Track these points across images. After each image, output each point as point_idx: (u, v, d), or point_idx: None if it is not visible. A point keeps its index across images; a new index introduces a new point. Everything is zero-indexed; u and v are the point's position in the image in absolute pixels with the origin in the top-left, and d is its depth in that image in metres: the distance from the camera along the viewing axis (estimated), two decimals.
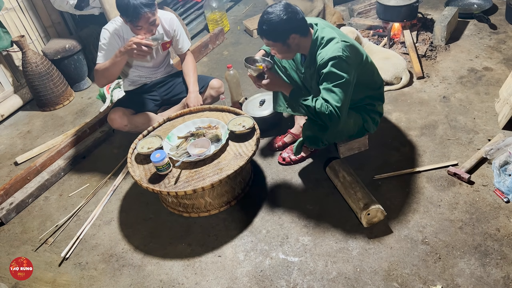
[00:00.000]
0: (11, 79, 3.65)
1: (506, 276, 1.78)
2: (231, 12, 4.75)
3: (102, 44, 2.51)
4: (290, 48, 2.07)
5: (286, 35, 2.01)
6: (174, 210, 2.36)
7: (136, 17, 2.32)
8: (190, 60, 2.81)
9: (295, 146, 2.39)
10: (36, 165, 2.75)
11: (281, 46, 2.06)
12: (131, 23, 2.37)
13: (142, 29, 2.39)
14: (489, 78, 2.93)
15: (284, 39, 2.02)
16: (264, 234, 2.16)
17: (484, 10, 3.64)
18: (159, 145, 2.33)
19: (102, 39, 2.52)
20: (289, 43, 2.04)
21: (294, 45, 2.07)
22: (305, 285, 1.89)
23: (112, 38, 2.51)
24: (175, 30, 2.68)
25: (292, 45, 2.05)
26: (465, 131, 2.52)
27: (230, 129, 2.34)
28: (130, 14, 2.31)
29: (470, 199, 2.13)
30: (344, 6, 4.27)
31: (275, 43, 2.05)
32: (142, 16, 2.32)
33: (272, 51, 2.14)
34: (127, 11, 2.30)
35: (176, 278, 2.03)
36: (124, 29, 2.52)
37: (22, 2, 3.61)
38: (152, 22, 2.39)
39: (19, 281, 2.17)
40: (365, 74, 2.17)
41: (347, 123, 2.23)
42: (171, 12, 2.74)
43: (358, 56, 2.09)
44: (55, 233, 2.41)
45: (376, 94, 2.30)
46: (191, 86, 2.72)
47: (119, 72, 2.51)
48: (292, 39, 2.03)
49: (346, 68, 1.98)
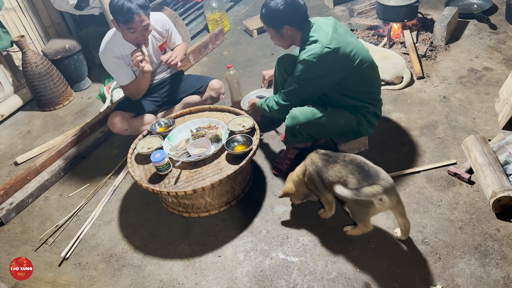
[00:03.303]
0: (11, 79, 3.65)
1: (506, 276, 1.78)
2: (231, 12, 4.75)
3: (110, 70, 2.62)
4: (283, 38, 2.17)
5: (280, 25, 2.11)
6: (174, 210, 2.36)
7: (130, 20, 2.32)
8: (182, 44, 2.86)
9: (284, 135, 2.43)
10: (36, 165, 2.75)
11: (275, 33, 2.16)
12: (124, 25, 2.36)
13: (135, 32, 2.39)
14: (489, 78, 2.93)
15: (278, 28, 2.12)
16: (264, 234, 2.16)
17: (484, 10, 3.64)
18: (159, 145, 2.33)
19: (106, 65, 2.60)
20: (282, 33, 2.14)
21: (288, 36, 2.16)
22: (305, 285, 1.89)
23: (113, 60, 2.55)
24: (167, 29, 2.71)
25: (285, 35, 2.15)
26: (465, 131, 2.52)
27: (230, 129, 2.34)
28: (124, 16, 2.31)
29: (470, 199, 2.13)
30: (344, 6, 4.27)
31: (269, 28, 2.17)
32: (136, 18, 2.32)
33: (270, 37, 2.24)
34: (121, 12, 2.31)
35: (176, 278, 2.03)
36: (120, 47, 2.53)
37: (22, 2, 3.61)
38: (146, 26, 2.40)
39: (19, 281, 2.17)
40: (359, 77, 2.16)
41: (336, 122, 2.24)
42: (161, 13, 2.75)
43: (344, 62, 2.09)
44: (55, 233, 2.41)
45: (374, 96, 2.29)
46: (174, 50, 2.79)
47: (148, 83, 2.70)
48: (285, 30, 2.12)
49: (308, 73, 2.07)
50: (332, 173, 1.86)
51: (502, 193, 1.95)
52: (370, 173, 1.76)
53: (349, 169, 1.81)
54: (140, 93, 2.71)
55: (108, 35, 2.56)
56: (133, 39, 2.44)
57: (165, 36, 2.70)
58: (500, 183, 2.01)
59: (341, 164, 1.85)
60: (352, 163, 1.82)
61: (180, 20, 3.97)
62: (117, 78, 2.63)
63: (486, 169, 2.10)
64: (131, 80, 2.63)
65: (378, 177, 1.74)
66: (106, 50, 2.54)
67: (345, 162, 1.84)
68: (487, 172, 2.08)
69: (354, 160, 1.84)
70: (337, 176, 1.83)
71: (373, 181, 1.73)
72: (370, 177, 1.74)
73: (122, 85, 2.66)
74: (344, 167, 1.83)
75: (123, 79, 2.62)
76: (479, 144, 2.23)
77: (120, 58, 2.55)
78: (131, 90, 2.67)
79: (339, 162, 1.86)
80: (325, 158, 1.92)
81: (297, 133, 2.25)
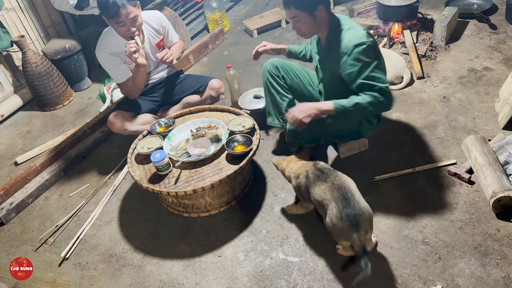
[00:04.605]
0: (11, 79, 3.65)
1: (506, 276, 1.78)
2: (231, 12, 4.75)
3: (106, 67, 2.61)
4: (315, 21, 2.00)
5: (315, 5, 1.95)
6: (174, 210, 2.36)
7: (116, 13, 2.33)
8: (179, 42, 2.84)
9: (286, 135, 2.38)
10: (36, 165, 2.75)
11: (308, 17, 1.98)
12: (112, 19, 2.37)
13: (125, 25, 2.40)
14: (489, 78, 2.93)
15: (312, 9, 1.96)
16: (264, 234, 2.16)
17: (484, 10, 3.64)
18: (159, 145, 2.33)
19: (102, 62, 2.60)
20: (315, 15, 1.98)
21: (319, 20, 2.00)
22: (305, 285, 1.89)
23: (109, 57, 2.55)
24: (164, 26, 2.71)
25: (317, 18, 1.99)
26: (465, 131, 2.52)
27: (230, 129, 2.34)
28: (110, 10, 2.32)
29: (470, 199, 2.13)
30: (344, 6, 4.27)
31: (303, 13, 1.97)
32: (122, 11, 2.33)
33: (294, 24, 2.05)
34: (107, 7, 2.32)
35: (176, 278, 2.03)
36: (115, 43, 2.54)
37: (22, 2, 3.61)
38: (134, 18, 2.39)
39: (19, 281, 2.17)
40: None
41: (338, 123, 2.20)
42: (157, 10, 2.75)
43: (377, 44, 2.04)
44: (55, 233, 2.41)
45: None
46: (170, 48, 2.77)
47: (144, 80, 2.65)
48: (319, 11, 1.97)
49: (373, 54, 1.95)
50: (318, 191, 1.84)
51: (502, 193, 1.95)
52: (351, 208, 1.72)
53: (334, 195, 1.77)
54: (137, 91, 2.69)
55: (104, 34, 2.57)
56: (125, 32, 2.45)
57: (162, 33, 2.70)
58: (500, 183, 2.01)
59: (329, 186, 1.81)
60: (339, 190, 1.77)
61: (180, 20, 3.97)
62: (113, 75, 2.63)
63: (486, 169, 2.10)
64: (127, 78, 2.63)
65: (355, 217, 1.71)
66: (101, 47, 2.55)
67: (333, 186, 1.80)
68: (487, 172, 2.08)
69: (341, 187, 1.78)
70: (321, 197, 1.82)
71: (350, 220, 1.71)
72: (349, 215, 1.71)
73: (118, 82, 2.66)
74: (331, 191, 1.79)
75: (119, 76, 2.62)
76: (479, 144, 2.23)
77: (116, 55, 2.56)
78: (128, 88, 2.66)
79: (328, 182, 1.82)
80: (318, 173, 1.89)
81: (299, 136, 2.24)
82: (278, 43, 3.80)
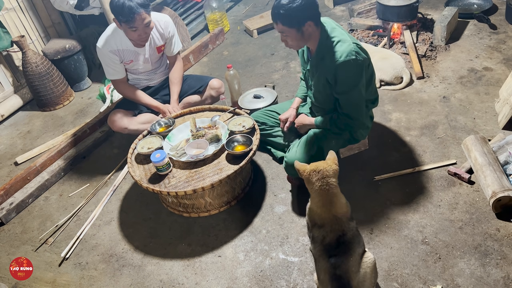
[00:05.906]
0: (11, 79, 3.65)
1: (506, 276, 1.78)
2: (231, 12, 4.75)
3: (102, 61, 2.62)
4: (303, 36, 2.02)
5: (303, 21, 1.96)
6: (174, 210, 2.36)
7: (131, 18, 2.32)
8: (178, 68, 2.82)
9: None
10: (36, 165, 2.75)
11: (295, 33, 1.99)
12: (126, 24, 2.37)
13: (137, 30, 2.40)
14: (489, 78, 2.93)
15: (300, 25, 1.97)
16: (264, 234, 2.16)
17: (484, 10, 3.64)
18: (159, 145, 2.33)
19: (100, 56, 2.61)
20: (303, 30, 1.99)
21: (307, 34, 2.02)
22: (305, 285, 1.89)
23: (109, 55, 2.56)
24: (169, 32, 2.69)
25: (305, 33, 2.01)
26: (465, 131, 2.52)
27: (230, 129, 2.34)
28: (125, 15, 2.31)
29: (470, 199, 2.13)
30: (344, 6, 4.27)
31: (290, 29, 1.98)
32: (137, 17, 2.32)
33: (282, 37, 2.07)
34: (122, 12, 2.31)
35: (176, 278, 2.03)
36: (118, 41, 2.54)
37: (22, 2, 3.61)
38: (147, 23, 2.40)
39: (19, 281, 2.17)
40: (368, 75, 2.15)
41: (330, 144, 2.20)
42: (166, 14, 2.74)
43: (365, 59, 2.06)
44: (55, 233, 2.41)
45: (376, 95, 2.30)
46: (174, 95, 2.77)
47: None
48: (307, 27, 1.98)
49: (360, 71, 2.00)
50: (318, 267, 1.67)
51: (502, 193, 1.95)
52: None
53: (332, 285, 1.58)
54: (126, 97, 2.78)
55: (109, 30, 2.55)
56: (136, 37, 2.44)
57: (165, 39, 2.69)
58: (500, 183, 2.01)
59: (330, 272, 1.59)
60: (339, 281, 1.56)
61: (180, 20, 3.97)
62: (106, 70, 2.65)
63: (486, 169, 2.10)
64: (120, 77, 2.66)
65: None
66: (104, 43, 2.55)
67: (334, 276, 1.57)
68: (487, 172, 2.08)
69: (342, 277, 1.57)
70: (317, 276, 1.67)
71: None
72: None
73: (109, 78, 2.70)
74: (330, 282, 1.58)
75: (112, 73, 2.64)
76: (479, 144, 2.23)
77: (116, 53, 2.56)
78: (120, 87, 2.72)
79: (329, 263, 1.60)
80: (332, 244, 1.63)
81: None
82: (277, 43, 3.83)
